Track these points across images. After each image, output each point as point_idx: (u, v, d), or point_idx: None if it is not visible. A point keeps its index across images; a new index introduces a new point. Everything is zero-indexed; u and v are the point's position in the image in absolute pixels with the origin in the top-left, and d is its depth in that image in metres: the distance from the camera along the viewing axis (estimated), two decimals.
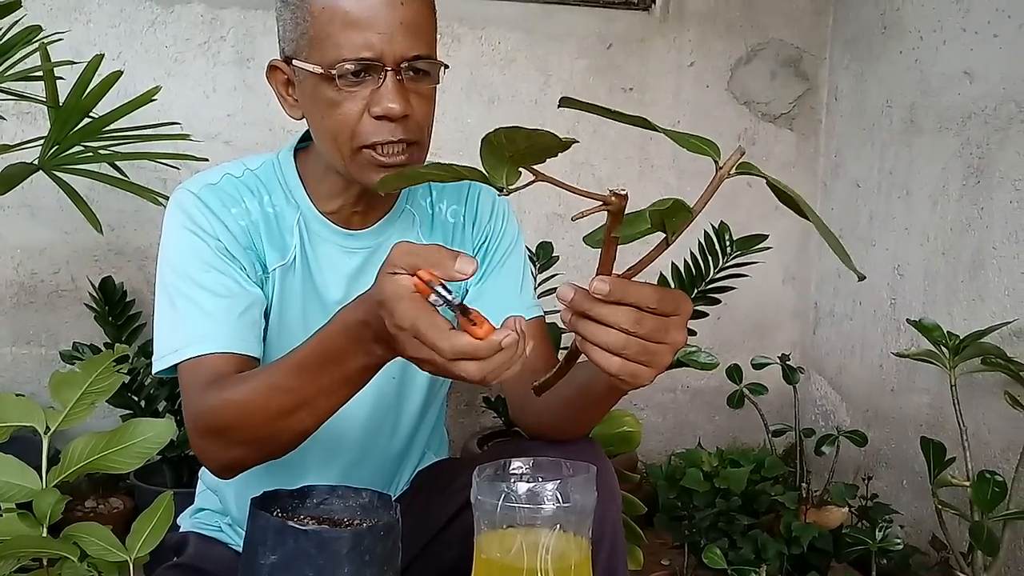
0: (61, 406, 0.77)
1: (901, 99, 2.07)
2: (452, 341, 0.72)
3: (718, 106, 2.39)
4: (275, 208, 1.10)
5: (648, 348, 0.72)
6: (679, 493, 1.85)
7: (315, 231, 1.10)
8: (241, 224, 1.06)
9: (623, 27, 2.33)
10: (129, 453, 0.75)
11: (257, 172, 1.11)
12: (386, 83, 0.96)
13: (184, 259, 1.02)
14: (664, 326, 0.72)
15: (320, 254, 1.11)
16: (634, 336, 0.71)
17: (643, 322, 0.71)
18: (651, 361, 0.73)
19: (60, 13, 2.06)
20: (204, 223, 1.03)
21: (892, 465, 2.05)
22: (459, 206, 1.19)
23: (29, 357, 2.16)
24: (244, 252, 1.05)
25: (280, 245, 1.08)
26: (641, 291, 0.71)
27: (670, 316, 0.72)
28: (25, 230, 2.12)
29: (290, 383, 0.85)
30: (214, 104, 2.16)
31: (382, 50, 0.95)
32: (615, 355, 0.72)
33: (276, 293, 1.08)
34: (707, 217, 2.24)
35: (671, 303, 0.72)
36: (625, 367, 0.72)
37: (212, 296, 1.00)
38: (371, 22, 0.95)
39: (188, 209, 1.04)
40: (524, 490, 0.81)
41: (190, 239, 1.03)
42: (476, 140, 2.39)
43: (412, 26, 0.96)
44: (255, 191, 1.09)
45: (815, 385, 2.42)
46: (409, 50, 0.96)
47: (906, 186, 2.05)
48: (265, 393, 0.87)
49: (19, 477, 0.74)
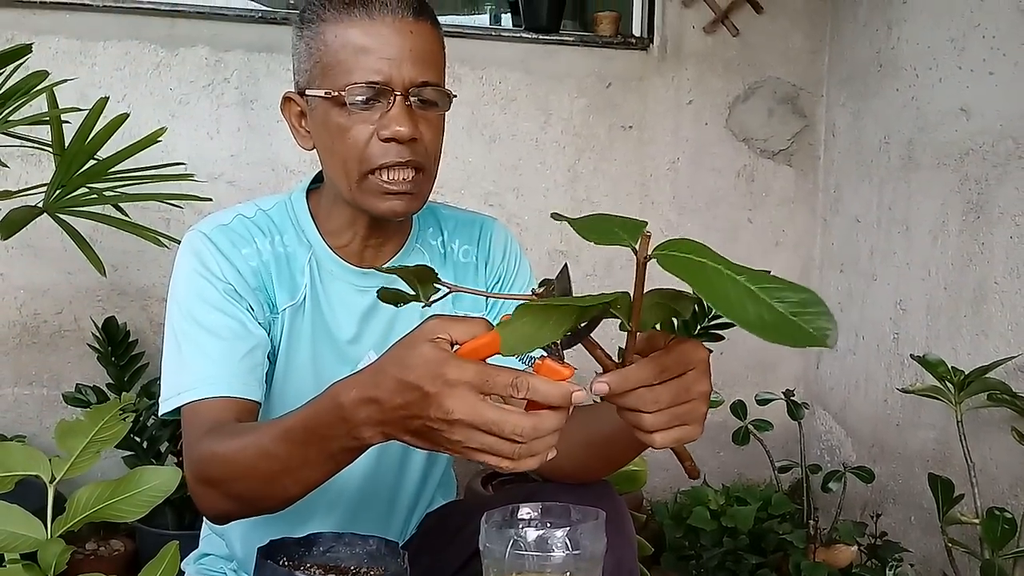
0: (67, 454, 0.76)
1: (898, 135, 2.09)
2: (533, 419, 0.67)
3: (717, 143, 2.41)
4: (287, 248, 1.10)
5: (677, 413, 0.72)
6: (686, 532, 1.84)
7: (327, 269, 1.11)
8: (251, 264, 1.06)
9: (622, 66, 2.36)
10: (135, 501, 0.75)
11: (269, 212, 1.12)
12: (395, 107, 0.98)
13: (190, 301, 1.03)
14: (683, 385, 0.71)
15: (332, 292, 1.11)
16: (659, 411, 0.71)
17: (660, 395, 0.70)
18: (688, 420, 0.72)
19: (65, 57, 2.09)
20: (213, 265, 1.04)
21: (900, 501, 2.04)
22: (471, 246, 1.20)
23: (31, 398, 2.15)
24: (253, 293, 1.05)
25: (290, 285, 1.09)
26: (640, 372, 0.70)
27: (685, 373, 0.71)
28: (28, 270, 2.12)
29: (276, 449, 0.82)
30: (218, 145, 2.18)
31: (391, 75, 0.98)
32: (653, 432, 0.72)
33: (285, 333, 1.08)
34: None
35: (679, 363, 0.71)
36: (667, 437, 0.72)
37: (215, 339, 1.00)
38: (381, 48, 0.98)
39: (198, 251, 1.05)
40: (533, 537, 0.81)
41: (198, 281, 1.04)
42: (478, 179, 2.42)
43: (421, 54, 0.99)
44: (267, 231, 1.10)
45: (820, 420, 2.41)
46: (418, 76, 0.98)
47: (906, 221, 2.06)
48: (253, 455, 0.84)
49: (24, 527, 0.73)
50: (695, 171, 2.40)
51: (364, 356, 1.12)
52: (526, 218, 2.32)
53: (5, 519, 0.74)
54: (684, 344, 0.72)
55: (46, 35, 2.06)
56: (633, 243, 0.63)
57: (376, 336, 1.13)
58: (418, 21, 0.99)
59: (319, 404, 0.78)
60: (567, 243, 2.35)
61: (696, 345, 0.73)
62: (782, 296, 0.53)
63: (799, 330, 0.51)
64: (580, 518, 0.84)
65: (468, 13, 2.61)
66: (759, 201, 2.44)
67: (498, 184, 2.31)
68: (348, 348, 1.11)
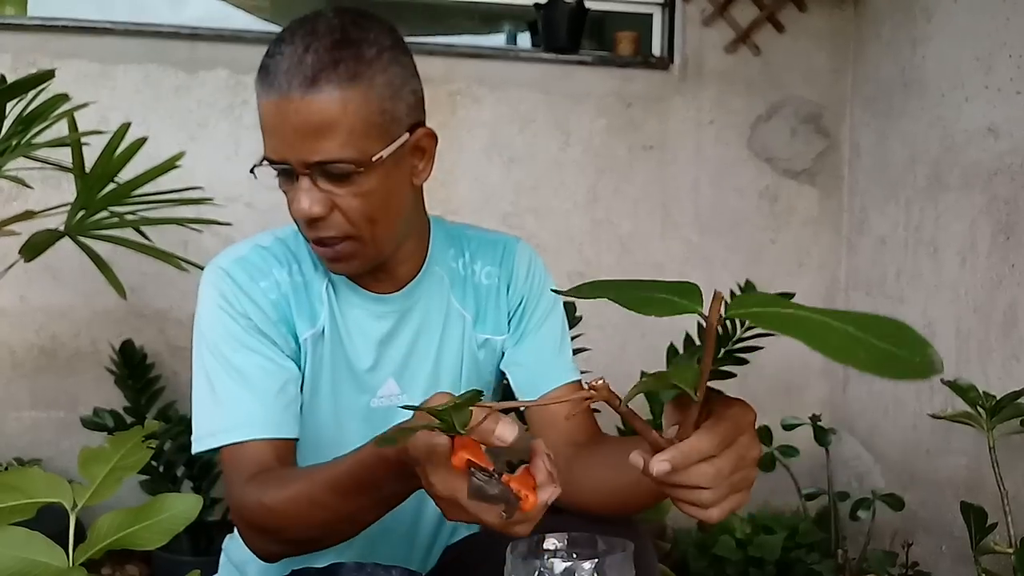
0: (88, 480, 0.74)
1: (925, 155, 2.06)
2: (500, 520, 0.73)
3: (739, 163, 2.38)
4: (304, 276, 1.08)
5: (734, 483, 0.68)
6: (711, 561, 1.79)
7: (344, 297, 1.09)
8: (271, 298, 1.04)
9: (642, 86, 2.35)
10: (157, 529, 0.72)
11: (286, 240, 1.10)
12: (298, 185, 0.94)
13: (217, 338, 1.02)
14: (739, 454, 0.67)
15: (349, 320, 1.09)
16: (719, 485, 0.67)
17: (721, 468, 0.66)
18: (741, 488, 0.69)
19: (86, 80, 2.09)
20: (235, 301, 1.03)
21: (930, 530, 1.99)
22: (494, 267, 1.17)
23: (48, 421, 2.14)
24: (275, 327, 1.04)
25: (310, 314, 1.06)
26: (701, 445, 0.65)
27: (737, 440, 0.67)
28: (47, 293, 2.12)
29: (327, 500, 0.85)
30: (236, 167, 2.18)
31: (285, 155, 0.93)
32: (710, 508, 0.68)
33: (309, 363, 1.06)
34: (733, 276, 2.23)
35: (735, 429, 0.67)
36: (723, 510, 0.68)
37: (247, 379, 1.00)
38: (273, 129, 0.93)
39: (219, 285, 1.04)
40: (560, 569, 0.78)
41: (222, 317, 1.02)
42: (497, 200, 2.40)
43: (312, 132, 0.91)
44: (283, 260, 1.08)
45: (847, 446, 2.36)
46: (309, 155, 0.92)
47: (933, 243, 2.02)
48: (305, 505, 0.87)
49: (47, 555, 0.71)
50: (717, 192, 2.38)
51: (382, 384, 1.10)
52: (545, 239, 2.30)
53: (27, 547, 0.71)
54: (733, 408, 0.67)
55: (67, 59, 2.07)
56: (699, 308, 0.58)
57: (395, 364, 1.10)
58: (310, 94, 0.90)
59: (364, 457, 0.81)
60: (586, 265, 2.33)
61: (744, 406, 0.68)
62: (879, 332, 0.53)
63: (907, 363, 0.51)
64: (607, 549, 0.81)
65: (485, 33, 2.61)
66: (782, 222, 2.41)
67: (517, 205, 2.30)
68: (367, 376, 1.09)
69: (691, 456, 0.65)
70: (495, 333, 1.15)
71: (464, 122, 2.27)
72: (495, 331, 1.15)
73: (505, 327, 1.16)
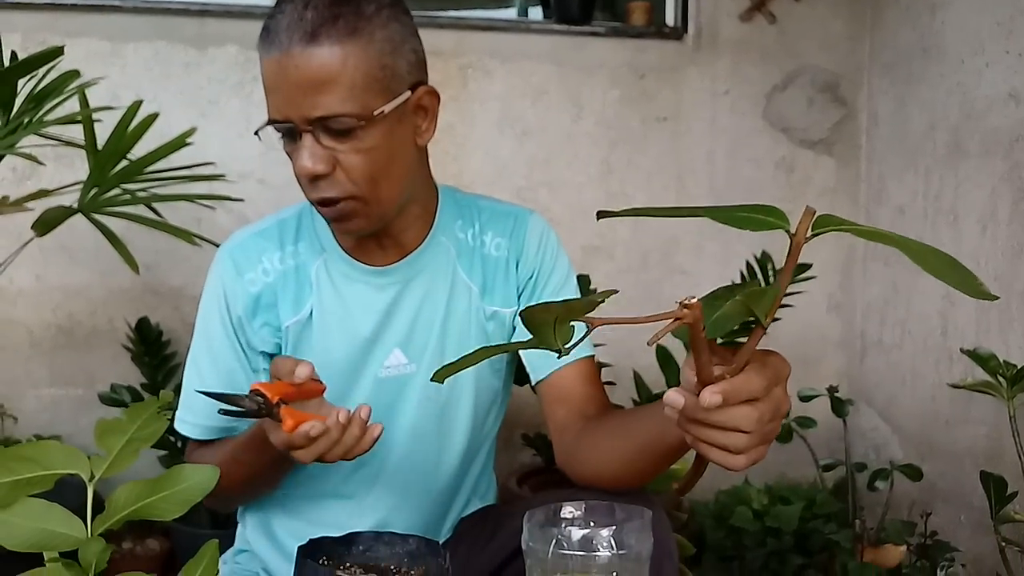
0: (106, 452, 0.74)
1: (944, 123, 2.03)
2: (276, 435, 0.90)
3: (754, 133, 2.35)
4: (298, 259, 1.10)
5: (766, 433, 0.68)
6: (728, 532, 1.79)
7: (342, 272, 1.09)
8: (252, 291, 1.09)
9: (655, 57, 2.32)
10: (174, 500, 0.73)
11: (288, 220, 1.13)
12: (301, 143, 0.95)
13: (203, 328, 1.13)
14: (777, 402, 0.67)
15: (348, 295, 1.09)
16: (756, 430, 0.67)
17: (763, 412, 0.66)
18: (768, 439, 0.69)
19: (96, 58, 2.09)
20: (222, 294, 1.11)
21: (949, 500, 1.97)
22: (504, 239, 1.16)
23: (66, 398, 2.15)
24: (252, 321, 1.10)
25: (295, 301, 1.10)
26: (750, 385, 0.65)
27: (775, 389, 0.67)
28: (63, 272, 2.13)
29: (241, 458, 1.04)
30: (248, 143, 2.15)
31: (288, 113, 0.95)
32: (741, 454, 0.68)
33: (291, 349, 1.10)
34: (748, 247, 2.21)
35: (776, 377, 0.67)
36: (750, 459, 0.69)
37: (205, 380, 1.11)
38: (275, 87, 0.95)
39: (214, 273, 1.12)
40: (578, 536, 0.78)
41: (210, 309, 1.12)
42: (509, 174, 2.37)
43: (313, 86, 0.92)
44: (279, 243, 1.11)
45: (864, 417, 2.35)
46: (310, 111, 0.93)
47: (953, 211, 2.00)
48: (229, 464, 1.00)
49: (65, 526, 0.72)
50: (732, 162, 2.35)
51: (389, 354, 1.10)
52: (559, 213, 2.28)
53: (46, 518, 0.72)
54: (773, 356, 0.67)
55: (77, 37, 2.06)
56: (786, 225, 0.59)
57: (400, 335, 1.10)
58: (310, 49, 0.91)
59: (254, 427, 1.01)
60: (601, 238, 2.31)
61: (783, 358, 0.68)
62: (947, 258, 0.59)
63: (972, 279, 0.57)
64: (625, 517, 0.81)
65: (496, 6, 2.58)
66: (799, 192, 2.38)
67: (530, 179, 2.28)
68: (371, 348, 1.10)
69: (740, 393, 0.65)
70: (504, 305, 1.14)
71: (476, 95, 2.25)
72: (504, 303, 1.14)
73: (515, 300, 1.15)
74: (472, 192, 1.23)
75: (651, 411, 0.96)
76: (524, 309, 0.58)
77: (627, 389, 1.92)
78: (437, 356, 1.11)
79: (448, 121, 2.21)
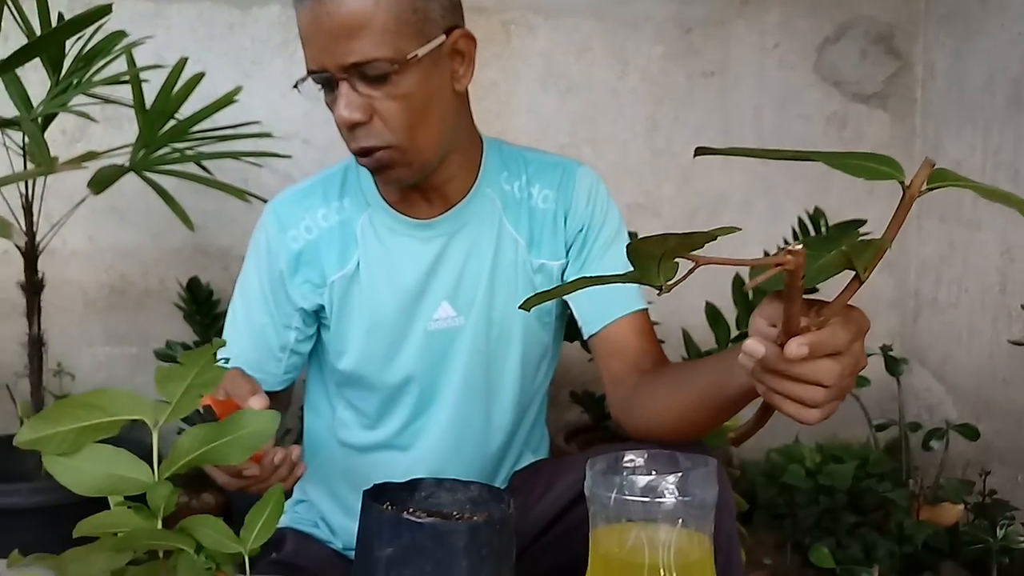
0: (167, 399, 0.75)
1: (1005, 74, 1.95)
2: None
3: (805, 88, 2.29)
4: (343, 214, 1.11)
5: (843, 388, 0.67)
6: (780, 490, 1.77)
7: (388, 226, 1.09)
8: (294, 249, 1.10)
9: (702, 10, 2.26)
10: (237, 445, 0.74)
11: (333, 176, 1.13)
12: (338, 92, 0.96)
13: (244, 280, 1.15)
14: (856, 359, 0.66)
15: (395, 249, 1.09)
16: (835, 384, 0.66)
17: (844, 367, 0.65)
18: (843, 394, 0.68)
19: (141, 19, 2.09)
20: (266, 249, 1.12)
21: (1006, 460, 1.93)
22: (552, 191, 1.15)
23: (121, 356, 2.20)
24: (293, 276, 1.11)
25: (340, 256, 1.10)
26: (835, 339, 0.64)
27: (853, 344, 0.66)
28: (114, 233, 2.16)
29: None
30: (292, 103, 2.16)
31: (323, 62, 0.95)
32: (814, 407, 0.67)
33: (337, 303, 1.11)
34: (798, 205, 2.16)
35: (858, 331, 0.66)
36: (824, 413, 0.68)
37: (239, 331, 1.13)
38: (310, 36, 0.95)
39: (261, 229, 1.14)
40: (642, 483, 0.77)
41: (253, 263, 1.14)
42: (553, 131, 2.34)
43: (346, 32, 0.92)
44: (327, 197, 1.11)
45: (917, 377, 2.30)
46: (345, 58, 0.93)
47: (1014, 165, 1.93)
48: None
49: (133, 471, 0.73)
50: (782, 118, 2.29)
51: (437, 307, 1.10)
52: (604, 170, 2.24)
53: (114, 463, 0.73)
54: (856, 311, 0.66)
55: None
56: (901, 175, 0.59)
57: (447, 288, 1.10)
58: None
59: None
60: (646, 196, 2.28)
61: (863, 313, 0.67)
62: None
63: None
64: (690, 465, 0.79)
65: None
66: (851, 148, 2.31)
67: (574, 136, 2.25)
68: (419, 301, 1.10)
69: (826, 346, 0.64)
70: (551, 258, 1.13)
71: (519, 52, 2.22)
72: (552, 256, 1.13)
73: (563, 253, 1.14)
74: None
75: (710, 363, 0.95)
76: (631, 241, 0.56)
77: (676, 347, 1.90)
78: (485, 309, 1.10)
79: (491, 78, 2.19)
